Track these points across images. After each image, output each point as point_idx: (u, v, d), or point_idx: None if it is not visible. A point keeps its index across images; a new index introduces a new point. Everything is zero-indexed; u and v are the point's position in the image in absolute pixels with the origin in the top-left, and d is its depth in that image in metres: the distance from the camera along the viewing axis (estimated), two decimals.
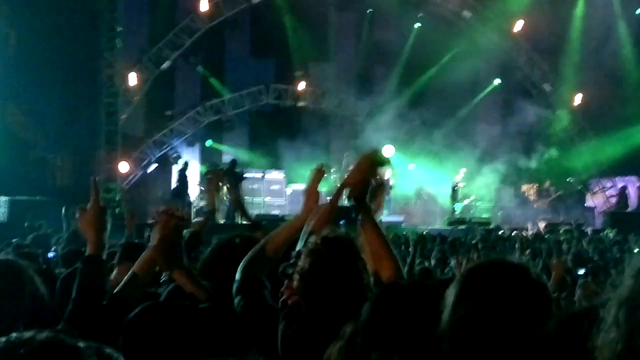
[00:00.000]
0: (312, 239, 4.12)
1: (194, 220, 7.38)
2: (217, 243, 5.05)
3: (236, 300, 4.27)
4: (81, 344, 2.27)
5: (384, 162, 4.62)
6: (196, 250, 6.83)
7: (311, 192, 4.77)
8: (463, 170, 32.52)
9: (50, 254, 11.42)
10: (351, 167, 4.76)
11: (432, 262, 13.53)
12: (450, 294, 3.02)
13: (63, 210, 14.95)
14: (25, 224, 18.29)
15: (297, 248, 4.23)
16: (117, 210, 28.09)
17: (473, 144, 36.00)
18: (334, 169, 32.03)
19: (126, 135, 31.09)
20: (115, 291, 4.32)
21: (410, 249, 12.68)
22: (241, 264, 4.38)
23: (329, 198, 4.78)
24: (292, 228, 4.63)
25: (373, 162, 4.58)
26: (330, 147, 34.75)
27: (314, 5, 34.27)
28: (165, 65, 31.74)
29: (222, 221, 25.54)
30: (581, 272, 11.96)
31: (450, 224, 30.16)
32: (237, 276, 4.36)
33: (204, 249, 6.18)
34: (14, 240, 12.71)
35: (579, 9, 35.20)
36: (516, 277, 3.02)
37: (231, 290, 4.41)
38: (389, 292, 3.06)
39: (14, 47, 28.02)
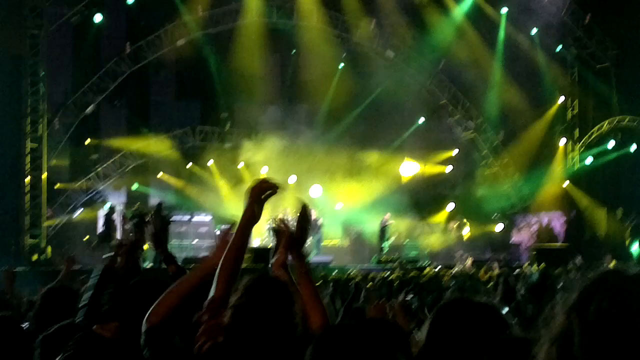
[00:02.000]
0: (246, 276, 4.07)
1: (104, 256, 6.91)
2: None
3: (144, 353, 4.14)
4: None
5: (271, 187, 4.48)
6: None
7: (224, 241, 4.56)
8: (388, 214, 32.65)
9: None
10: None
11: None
12: (423, 332, 3.16)
13: None
14: None
15: (211, 294, 4.12)
16: (42, 257, 27.74)
17: (399, 182, 36.33)
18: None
19: (51, 181, 30.72)
20: None
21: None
22: (148, 314, 4.16)
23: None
24: (202, 270, 4.39)
25: (261, 189, 4.44)
26: None
27: (237, 47, 34.39)
28: (90, 109, 31.49)
29: (149, 265, 25.30)
30: (505, 310, 12.04)
31: (379, 262, 30.20)
32: (143, 328, 4.12)
33: None
34: None
35: (500, 48, 35.74)
36: (485, 316, 3.15)
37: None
38: (336, 334, 3.04)
39: None
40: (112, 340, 4.65)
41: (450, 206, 36.17)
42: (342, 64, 35.85)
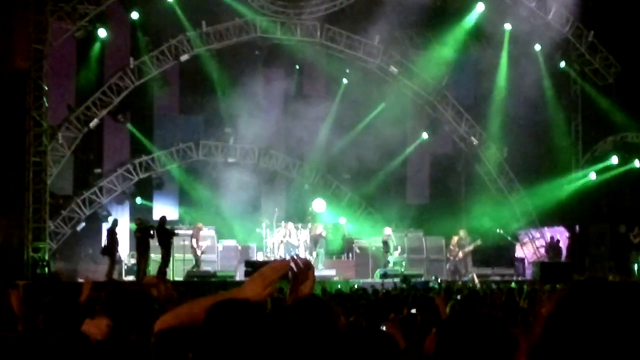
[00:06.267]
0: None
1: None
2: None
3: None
4: None
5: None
6: None
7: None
8: (389, 229, 32.51)
9: None
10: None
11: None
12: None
13: None
14: None
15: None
16: (46, 270, 27.74)
17: (402, 196, 36.38)
18: (265, 223, 31.99)
19: (54, 194, 30.75)
20: None
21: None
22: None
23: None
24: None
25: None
26: (261, 202, 34.76)
27: (241, 62, 34.44)
28: (94, 123, 31.53)
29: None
30: None
31: (382, 277, 30.14)
32: (154, 329, 3.90)
33: None
34: None
35: (504, 64, 35.76)
36: (493, 328, 3.15)
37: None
38: None
39: None
40: (97, 343, 4.57)
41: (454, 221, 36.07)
42: (345, 80, 35.90)
